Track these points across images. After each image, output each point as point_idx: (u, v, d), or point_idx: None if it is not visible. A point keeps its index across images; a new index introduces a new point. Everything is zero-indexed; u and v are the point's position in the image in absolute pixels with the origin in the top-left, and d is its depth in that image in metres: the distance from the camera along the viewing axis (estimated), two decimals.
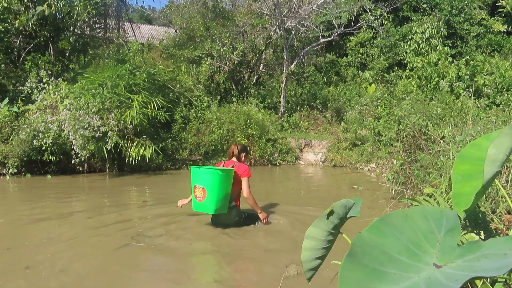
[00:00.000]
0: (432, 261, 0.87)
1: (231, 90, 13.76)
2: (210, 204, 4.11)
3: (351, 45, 17.29)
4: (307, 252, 1.48)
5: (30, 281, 3.09)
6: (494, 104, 9.50)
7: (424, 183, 4.51)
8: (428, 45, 15.49)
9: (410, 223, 0.97)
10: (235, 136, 10.66)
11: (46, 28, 10.12)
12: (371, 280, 0.82)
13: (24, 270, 3.26)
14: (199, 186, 4.16)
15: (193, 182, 4.26)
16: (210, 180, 4.09)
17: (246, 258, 3.72)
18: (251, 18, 13.83)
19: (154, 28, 23.09)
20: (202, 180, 4.15)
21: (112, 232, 4.37)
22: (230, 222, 4.42)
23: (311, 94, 14.59)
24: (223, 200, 4.16)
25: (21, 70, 10.01)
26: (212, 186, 4.08)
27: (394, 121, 7.65)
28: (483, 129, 4.68)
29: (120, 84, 9.05)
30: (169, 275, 3.31)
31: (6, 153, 8.04)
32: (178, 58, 13.79)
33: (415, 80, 11.24)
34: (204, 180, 4.13)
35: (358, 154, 10.11)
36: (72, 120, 8.15)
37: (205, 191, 4.10)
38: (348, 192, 7.15)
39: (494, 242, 0.87)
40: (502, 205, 2.71)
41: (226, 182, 4.16)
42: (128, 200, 6.51)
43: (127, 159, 8.82)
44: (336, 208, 1.47)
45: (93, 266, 3.41)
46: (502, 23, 16.97)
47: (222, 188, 4.11)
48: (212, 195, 4.08)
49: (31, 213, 5.26)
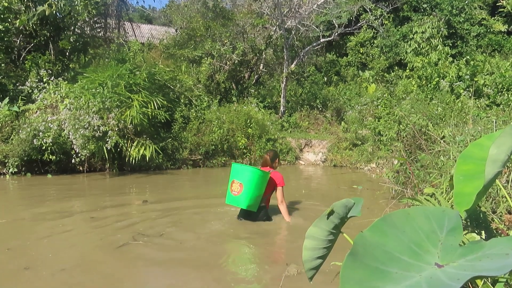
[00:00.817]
0: (434, 260, 0.87)
1: (231, 89, 13.76)
2: (244, 200, 4.40)
3: (351, 45, 17.28)
4: (308, 252, 1.48)
5: (31, 281, 3.09)
6: (494, 104, 9.49)
7: (424, 183, 4.51)
8: (429, 45, 15.49)
9: (411, 222, 0.97)
10: (235, 135, 10.66)
11: (47, 27, 10.11)
12: (373, 279, 0.82)
13: (24, 270, 3.26)
14: (237, 181, 4.44)
15: (232, 177, 4.54)
16: (249, 177, 4.38)
17: (246, 258, 3.72)
18: (251, 17, 13.82)
19: (154, 27, 23.08)
20: (242, 176, 4.43)
21: (112, 232, 4.37)
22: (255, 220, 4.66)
23: (311, 94, 14.60)
24: (255, 199, 4.46)
25: (21, 70, 10.00)
26: (249, 183, 4.36)
27: (394, 121, 7.64)
28: (483, 129, 4.68)
29: (120, 84, 9.05)
30: (169, 274, 3.31)
31: (6, 153, 8.04)
32: (178, 58, 13.79)
33: (415, 80, 11.23)
34: (243, 177, 4.41)
35: (358, 154, 10.11)
36: (72, 119, 8.14)
37: (242, 186, 4.39)
38: (348, 192, 7.15)
39: (496, 242, 0.87)
40: (502, 205, 2.71)
41: (262, 183, 4.46)
42: (128, 199, 6.52)
43: (127, 159, 8.82)
44: (337, 208, 1.47)
45: (93, 266, 3.41)
46: (502, 23, 16.96)
47: (257, 187, 4.40)
48: (248, 191, 4.37)
49: (32, 212, 5.26)
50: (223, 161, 10.44)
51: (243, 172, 4.46)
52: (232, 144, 10.62)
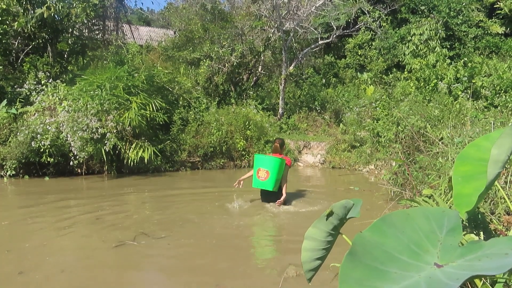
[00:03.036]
0: (433, 260, 0.86)
1: (229, 91, 13.74)
2: (270, 183, 5.38)
3: (350, 47, 17.31)
4: (307, 253, 1.47)
5: (30, 282, 3.07)
6: (492, 105, 9.53)
7: (422, 184, 4.52)
8: (426, 47, 15.53)
9: (411, 223, 0.97)
10: (234, 137, 10.65)
11: (45, 30, 10.10)
12: (372, 279, 0.82)
13: (23, 272, 3.24)
14: (264, 169, 5.41)
15: (257, 166, 5.51)
16: (273, 165, 5.37)
17: (245, 259, 3.71)
18: (250, 20, 13.83)
19: (152, 30, 23.09)
20: (267, 164, 5.41)
21: (110, 233, 4.36)
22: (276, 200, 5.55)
23: (310, 96, 14.59)
24: (278, 182, 5.48)
25: (19, 72, 9.97)
26: (273, 169, 5.36)
27: (393, 123, 7.65)
28: (481, 131, 4.69)
29: (118, 86, 9.03)
30: (166, 274, 3.30)
31: (4, 155, 8.01)
32: (176, 60, 13.77)
33: (414, 81, 11.25)
34: (268, 165, 5.40)
35: (357, 156, 10.10)
36: (70, 121, 8.12)
37: (268, 173, 5.36)
38: (347, 194, 7.15)
39: (495, 242, 0.87)
40: (501, 206, 2.71)
41: (281, 168, 5.47)
42: (126, 201, 6.50)
43: (126, 161, 8.79)
44: (336, 209, 1.47)
45: (92, 267, 3.40)
46: (500, 25, 17.04)
47: (279, 172, 5.43)
48: (273, 176, 5.36)
49: (30, 215, 5.25)
50: (222, 163, 10.43)
51: (267, 161, 5.45)
52: (231, 146, 10.61)
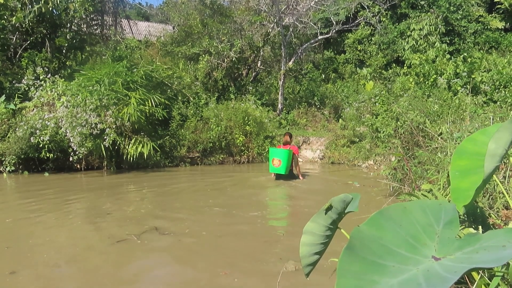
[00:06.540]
0: (431, 253, 0.87)
1: (229, 87, 13.71)
2: (282, 168, 7.33)
3: (349, 42, 17.27)
4: (305, 247, 1.48)
5: (30, 278, 3.08)
6: (491, 101, 9.52)
7: (422, 179, 4.52)
8: (426, 42, 15.49)
9: (408, 216, 0.97)
10: (233, 133, 10.64)
11: (43, 25, 10.05)
12: (370, 272, 0.82)
13: (23, 269, 3.25)
14: (277, 158, 7.36)
15: (272, 156, 7.48)
16: (284, 155, 7.31)
17: (244, 255, 3.72)
18: (249, 15, 13.77)
19: (151, 25, 22.95)
20: (279, 155, 7.36)
21: (109, 229, 4.37)
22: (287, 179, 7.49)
23: (309, 91, 14.57)
24: (288, 167, 7.42)
25: (17, 67, 9.94)
26: (284, 158, 7.29)
27: (392, 118, 7.65)
28: (480, 126, 4.69)
29: (117, 81, 9.01)
30: (166, 270, 3.31)
31: (3, 151, 8.01)
32: (175, 55, 13.73)
33: (413, 77, 11.24)
34: (280, 155, 7.36)
35: (356, 151, 10.11)
36: (69, 117, 8.11)
37: (280, 161, 7.30)
38: (346, 189, 7.16)
39: (493, 234, 0.87)
40: (499, 200, 2.72)
41: (289, 157, 7.39)
42: (126, 197, 6.50)
43: (125, 157, 8.79)
44: (335, 203, 1.47)
45: (91, 263, 3.41)
46: (499, 20, 16.98)
47: (288, 160, 7.37)
48: (283, 163, 7.30)
49: (30, 211, 5.25)
50: (221, 159, 10.44)
51: (279, 152, 7.39)
52: (230, 142, 10.61)
